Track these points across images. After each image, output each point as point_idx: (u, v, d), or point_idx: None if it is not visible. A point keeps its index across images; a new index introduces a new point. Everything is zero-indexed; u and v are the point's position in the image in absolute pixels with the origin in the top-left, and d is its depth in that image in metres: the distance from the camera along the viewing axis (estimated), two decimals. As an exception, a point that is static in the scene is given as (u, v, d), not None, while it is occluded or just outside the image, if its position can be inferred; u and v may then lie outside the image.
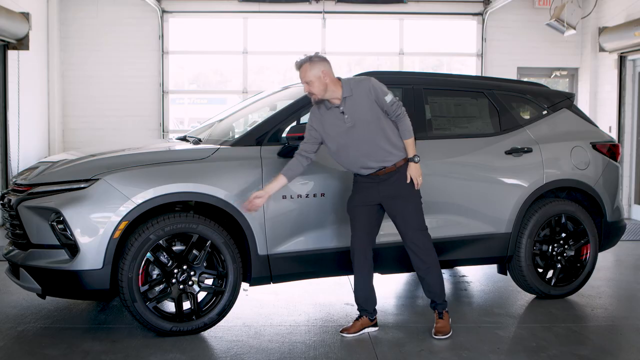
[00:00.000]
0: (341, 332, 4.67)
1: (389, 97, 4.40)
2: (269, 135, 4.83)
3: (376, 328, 4.75)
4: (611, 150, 5.83)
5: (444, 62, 11.74)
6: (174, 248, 4.57)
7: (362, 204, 4.58)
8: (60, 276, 4.40)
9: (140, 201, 4.41)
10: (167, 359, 4.17)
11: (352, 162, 4.51)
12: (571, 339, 4.64)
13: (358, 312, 4.74)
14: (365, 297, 4.68)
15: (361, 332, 4.67)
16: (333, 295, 5.74)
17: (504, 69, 11.11)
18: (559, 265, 5.55)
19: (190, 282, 4.57)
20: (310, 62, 4.40)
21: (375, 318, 4.75)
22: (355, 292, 4.71)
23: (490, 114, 5.61)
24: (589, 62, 10.85)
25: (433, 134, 5.32)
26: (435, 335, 4.58)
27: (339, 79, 4.46)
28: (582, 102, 10.92)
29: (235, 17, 11.14)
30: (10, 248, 4.79)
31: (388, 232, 4.99)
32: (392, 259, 5.05)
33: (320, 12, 11.05)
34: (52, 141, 10.53)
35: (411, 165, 4.48)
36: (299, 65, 4.43)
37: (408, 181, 4.46)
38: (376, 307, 4.75)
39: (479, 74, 11.04)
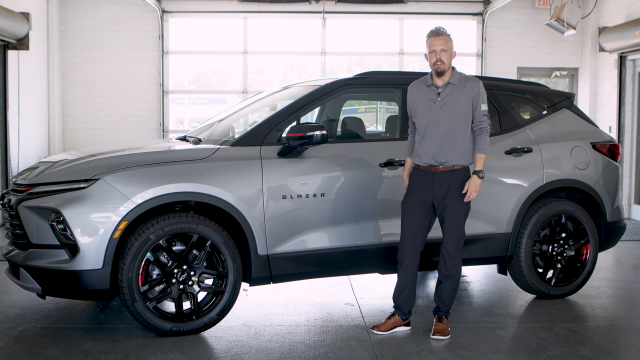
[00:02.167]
0: (372, 328, 4.69)
1: (484, 107, 4.57)
2: (269, 135, 4.84)
3: (408, 328, 4.75)
4: (611, 150, 5.83)
5: (444, 62, 11.72)
6: (174, 248, 4.57)
7: (416, 201, 4.60)
8: (60, 276, 4.40)
9: (140, 201, 4.41)
10: (167, 359, 4.17)
11: (430, 145, 4.56)
12: (571, 339, 4.64)
13: (392, 309, 4.76)
14: (404, 297, 4.69)
15: (392, 330, 4.68)
16: (333, 295, 5.74)
17: (504, 69, 11.11)
18: (559, 265, 5.55)
19: (190, 282, 4.57)
20: (450, 37, 4.60)
21: (409, 318, 4.76)
22: (396, 289, 4.71)
23: (490, 114, 5.60)
24: (589, 62, 10.85)
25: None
26: (433, 335, 4.59)
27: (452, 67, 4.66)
28: (582, 102, 10.93)
29: (235, 17, 11.14)
30: (10, 248, 4.79)
31: (388, 232, 5.00)
32: (392, 259, 5.05)
33: (320, 12, 11.05)
34: (52, 141, 10.53)
35: (474, 177, 4.51)
36: (441, 32, 4.58)
37: (464, 191, 4.49)
38: (412, 310, 4.77)
39: (479, 74, 11.04)
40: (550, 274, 5.57)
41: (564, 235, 5.56)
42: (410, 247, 4.61)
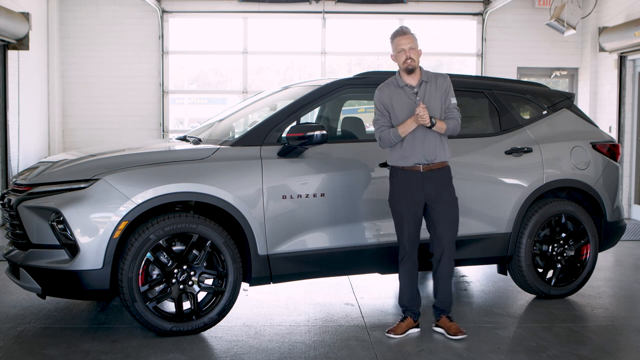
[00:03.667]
0: (387, 332, 4.66)
1: (453, 100, 4.63)
2: (269, 135, 4.84)
3: (418, 329, 4.73)
4: (611, 150, 5.83)
5: (444, 62, 11.74)
6: (174, 248, 4.57)
7: (409, 204, 4.58)
8: (60, 276, 4.40)
9: (140, 201, 4.41)
10: (167, 359, 4.17)
11: (417, 145, 4.53)
12: (571, 339, 4.64)
13: (402, 314, 4.73)
14: (410, 298, 4.68)
15: (406, 333, 4.65)
16: (333, 295, 5.74)
17: (504, 69, 11.11)
18: (559, 265, 5.55)
19: (190, 282, 4.57)
20: (414, 35, 4.63)
21: (418, 320, 4.74)
22: (401, 292, 4.70)
23: (490, 114, 5.60)
24: (589, 62, 10.85)
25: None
26: (454, 336, 4.56)
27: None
28: (582, 102, 10.93)
29: (235, 17, 11.14)
30: (10, 248, 4.79)
31: (388, 232, 4.99)
32: (393, 259, 5.05)
33: (320, 12, 11.05)
34: (52, 141, 10.53)
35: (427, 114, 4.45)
36: (407, 32, 4.61)
37: (417, 109, 4.43)
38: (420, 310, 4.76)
39: (479, 74, 11.04)
40: (550, 274, 5.57)
41: (564, 235, 5.55)
42: (410, 249, 4.62)
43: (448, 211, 4.58)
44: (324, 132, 4.70)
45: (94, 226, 4.35)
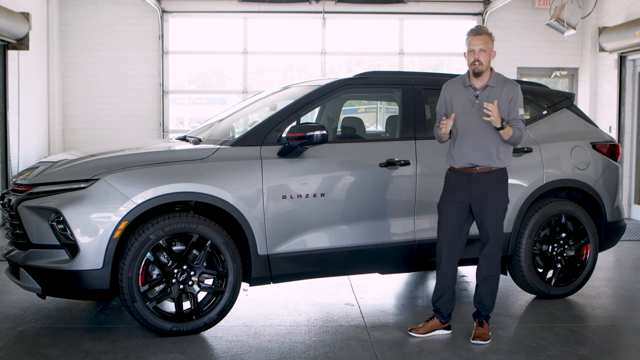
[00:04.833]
0: (409, 331, 4.64)
1: (520, 111, 4.51)
2: (269, 135, 4.83)
3: (449, 332, 4.68)
4: (611, 150, 5.83)
5: (444, 62, 11.74)
6: (174, 248, 4.57)
7: (452, 202, 4.55)
8: (60, 276, 4.40)
9: (140, 201, 4.41)
10: (167, 359, 4.17)
11: (467, 147, 4.48)
12: (571, 339, 4.64)
13: (432, 312, 4.70)
14: (443, 300, 4.63)
15: (431, 333, 4.62)
16: (333, 295, 5.74)
17: (504, 69, 11.09)
18: (559, 265, 5.55)
19: (190, 282, 4.57)
20: (491, 36, 4.52)
21: (449, 322, 4.69)
22: (435, 292, 4.66)
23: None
24: (589, 62, 10.85)
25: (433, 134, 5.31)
26: (473, 340, 4.53)
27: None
28: (582, 102, 10.93)
29: (235, 17, 11.14)
30: (10, 248, 4.79)
31: (388, 231, 4.99)
32: (393, 259, 5.05)
33: (320, 12, 11.05)
34: (52, 141, 10.53)
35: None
36: (481, 32, 4.50)
37: (487, 105, 4.32)
38: (451, 313, 4.70)
39: (479, 74, 11.02)
40: (550, 274, 5.57)
41: (564, 235, 5.56)
42: (447, 249, 4.56)
43: (490, 215, 4.50)
44: (324, 132, 4.70)
45: (94, 226, 4.35)
